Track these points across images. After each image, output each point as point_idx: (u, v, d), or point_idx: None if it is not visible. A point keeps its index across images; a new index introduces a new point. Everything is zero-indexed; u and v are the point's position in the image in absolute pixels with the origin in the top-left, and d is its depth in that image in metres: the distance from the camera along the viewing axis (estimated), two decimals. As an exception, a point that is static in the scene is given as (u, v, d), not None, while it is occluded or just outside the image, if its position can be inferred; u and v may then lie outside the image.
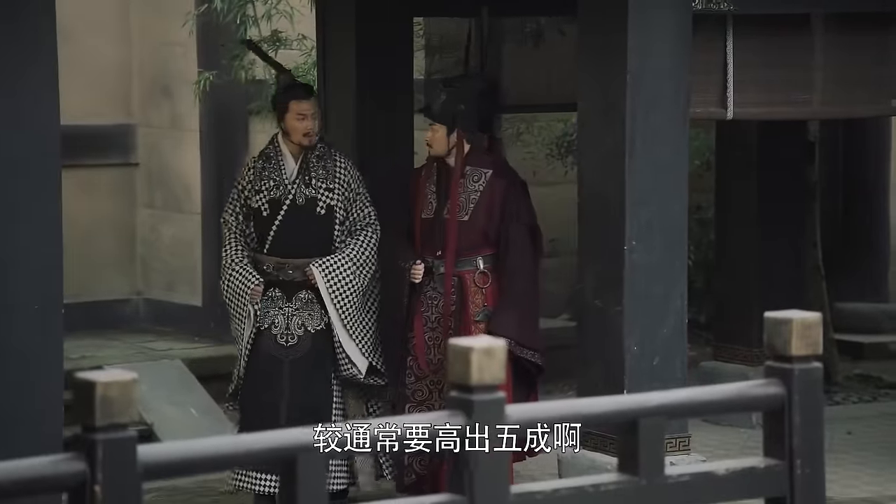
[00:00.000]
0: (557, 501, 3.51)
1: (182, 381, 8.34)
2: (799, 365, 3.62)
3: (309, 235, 6.20)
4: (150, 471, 3.22)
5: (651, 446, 3.53)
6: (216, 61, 8.94)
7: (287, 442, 3.33)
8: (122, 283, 9.71)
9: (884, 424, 8.19)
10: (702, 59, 6.40)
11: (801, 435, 3.63)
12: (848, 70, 6.87)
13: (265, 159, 6.28)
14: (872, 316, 10.10)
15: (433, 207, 6.32)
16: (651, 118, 6.12)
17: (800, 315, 3.64)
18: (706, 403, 3.86)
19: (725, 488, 3.66)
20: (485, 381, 3.36)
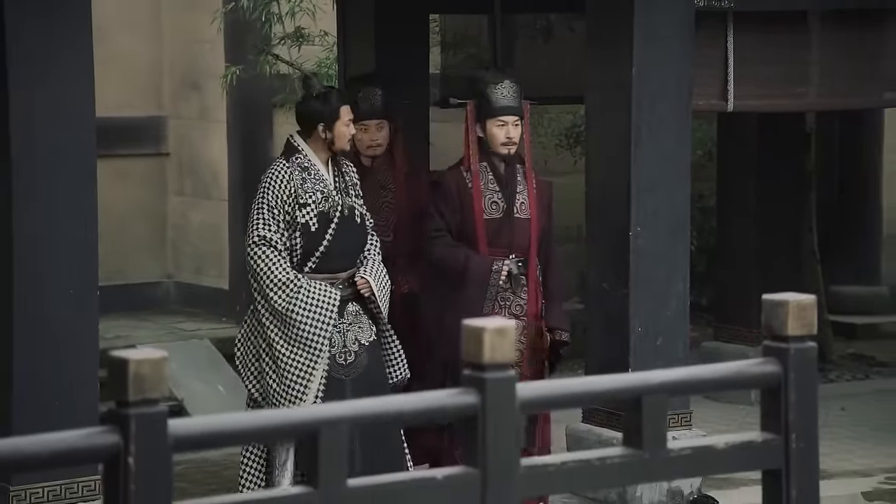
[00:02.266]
0: (566, 473, 3.51)
1: (210, 360, 8.36)
2: (794, 344, 3.62)
3: (354, 247, 5.65)
4: (179, 443, 3.24)
5: (654, 422, 3.53)
6: (243, 56, 8.95)
7: (309, 416, 3.34)
8: (153, 266, 9.73)
9: (876, 401, 8.19)
10: (703, 54, 6.39)
11: (796, 411, 3.63)
12: (843, 64, 6.86)
13: (301, 169, 5.56)
14: (865, 298, 10.09)
15: (501, 207, 5.81)
16: (655, 110, 6.12)
17: (796, 297, 3.64)
18: (706, 381, 3.86)
19: (725, 461, 3.66)
20: (496, 359, 3.37)
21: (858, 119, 10.01)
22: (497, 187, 5.80)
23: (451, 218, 5.76)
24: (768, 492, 3.71)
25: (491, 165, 5.80)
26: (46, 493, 5.26)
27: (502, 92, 5.75)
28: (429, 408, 3.40)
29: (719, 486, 6.34)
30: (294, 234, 5.50)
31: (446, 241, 5.76)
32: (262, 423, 3.34)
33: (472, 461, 3.41)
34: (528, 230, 5.79)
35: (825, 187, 9.74)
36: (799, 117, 8.44)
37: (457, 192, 5.77)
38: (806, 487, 3.65)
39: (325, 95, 5.62)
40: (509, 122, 5.73)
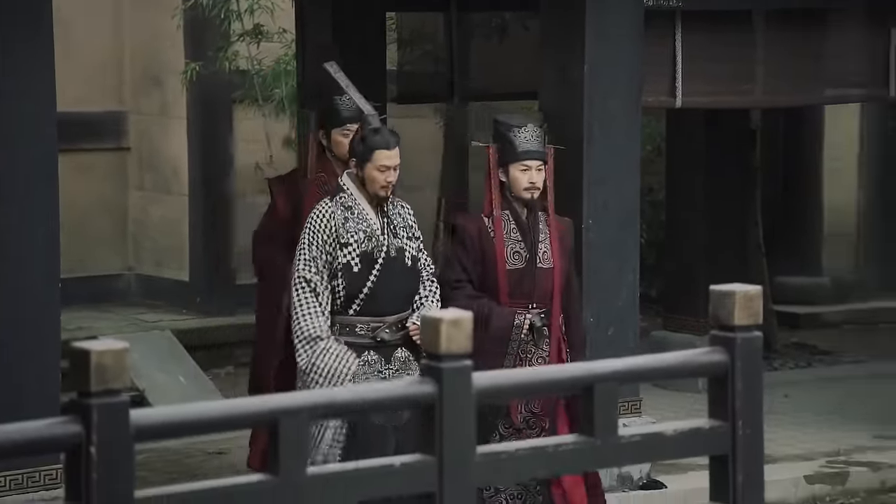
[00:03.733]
0: (519, 460, 3.51)
1: (171, 351, 8.31)
2: (741, 334, 3.64)
3: (403, 290, 5.23)
4: (141, 433, 3.21)
5: (605, 409, 3.54)
6: (202, 53, 8.91)
7: (269, 406, 3.33)
8: (114, 259, 9.67)
9: (818, 388, 8.26)
10: (653, 52, 6.41)
11: (742, 398, 3.64)
12: (787, 62, 6.90)
13: (344, 209, 5.20)
14: (808, 289, 10.16)
15: (524, 257, 5.44)
16: (607, 106, 6.13)
17: (742, 288, 3.65)
18: (657, 370, 3.87)
19: (673, 447, 3.67)
20: (452, 350, 3.36)
21: (801, 116, 10.07)
22: (519, 236, 5.44)
23: (472, 268, 5.42)
24: (715, 477, 3.72)
25: (513, 213, 5.45)
26: (8, 481, 5.22)
27: (525, 136, 5.43)
28: (388, 398, 3.40)
29: (667, 472, 6.37)
30: (337, 275, 5.16)
31: (467, 292, 5.40)
32: (222, 412, 3.32)
33: (428, 449, 3.40)
34: (551, 280, 5.44)
35: (770, 183, 9.80)
36: (744, 114, 8.49)
37: (479, 240, 5.42)
38: (751, 472, 3.67)
39: (370, 134, 5.19)
40: (532, 167, 5.40)
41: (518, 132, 5.42)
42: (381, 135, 5.18)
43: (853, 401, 7.92)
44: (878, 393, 8.06)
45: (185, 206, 9.48)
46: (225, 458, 6.89)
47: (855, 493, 6.77)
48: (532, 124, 5.47)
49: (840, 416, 7.64)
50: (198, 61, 8.68)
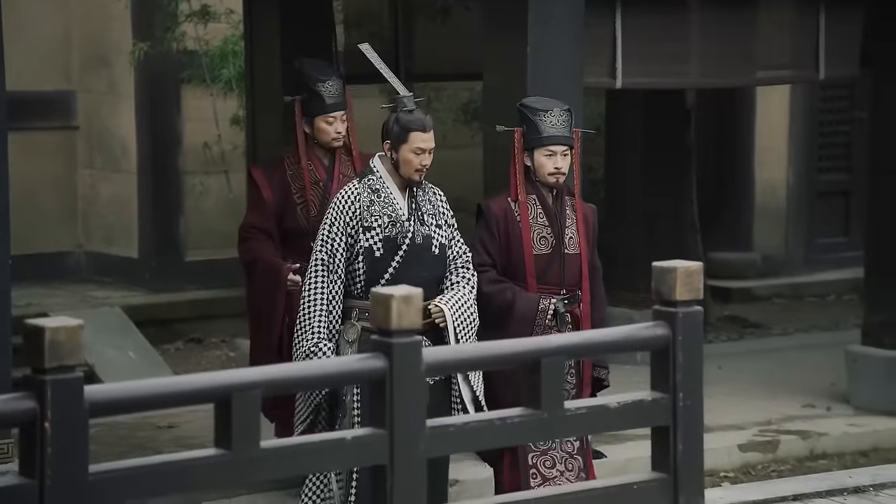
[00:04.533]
0: (468, 433, 3.50)
1: (120, 327, 8.23)
2: (682, 308, 3.64)
3: (427, 278, 4.91)
4: (96, 409, 3.17)
5: (552, 383, 3.53)
6: (150, 33, 8.80)
7: (222, 382, 3.29)
8: (64, 237, 9.55)
9: (749, 360, 8.32)
10: (594, 34, 6.39)
11: (683, 371, 3.65)
12: (720, 44, 6.92)
13: (371, 191, 4.93)
14: (739, 264, 10.24)
15: (550, 242, 5.20)
16: (549, 86, 6.10)
17: (683, 264, 3.66)
18: (601, 344, 3.87)
19: (617, 419, 3.68)
20: (403, 325, 3.34)
21: (734, 97, 10.12)
22: (546, 222, 5.20)
23: (497, 252, 5.18)
24: (656, 447, 3.73)
25: (539, 198, 5.21)
26: (-39, 456, 5.15)
27: (551, 120, 5.19)
28: (340, 373, 3.37)
29: (608, 442, 6.39)
30: (358, 258, 4.89)
31: (490, 277, 5.14)
32: (176, 388, 3.28)
33: (379, 422, 3.38)
34: (579, 265, 5.22)
35: (704, 160, 9.85)
36: (680, 95, 8.51)
37: (504, 224, 5.18)
38: (691, 442, 3.68)
39: (404, 115, 4.91)
40: (558, 153, 5.16)
41: (544, 116, 5.20)
42: (417, 116, 4.93)
43: (782, 372, 7.99)
44: (806, 364, 8.14)
45: (133, 184, 9.38)
46: (175, 431, 6.82)
47: (785, 460, 6.83)
48: (558, 108, 5.23)
49: (770, 386, 7.71)
50: (145, 41, 8.58)
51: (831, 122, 10.66)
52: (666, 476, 3.64)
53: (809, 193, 10.56)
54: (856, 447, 7.02)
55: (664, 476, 3.65)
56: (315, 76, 5.44)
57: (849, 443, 7.03)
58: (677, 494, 3.64)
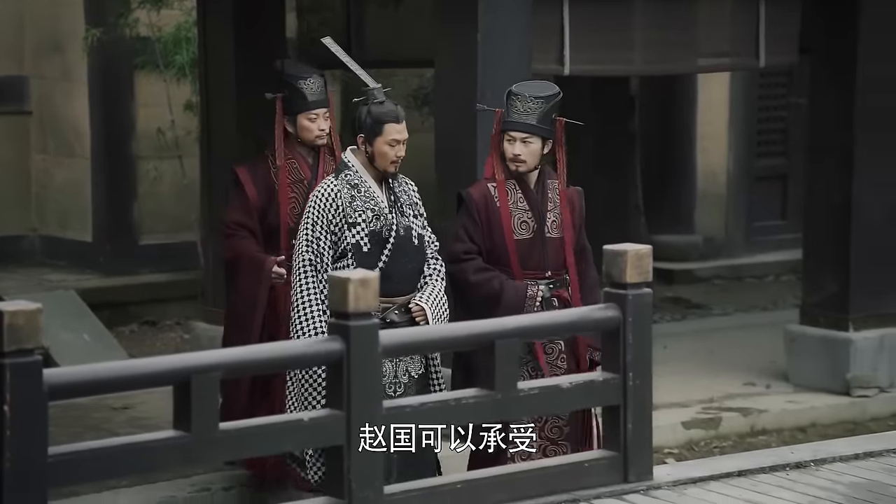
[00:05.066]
0: (424, 413, 3.49)
1: (75, 310, 8.15)
2: (632, 291, 3.66)
3: (412, 270, 4.77)
4: (55, 392, 3.13)
5: (506, 364, 3.53)
6: (103, 19, 8.69)
7: (181, 364, 3.26)
8: (18, 221, 9.43)
9: (692, 339, 8.37)
10: (542, 23, 6.39)
11: (633, 352, 3.66)
12: (663, 33, 6.94)
13: (351, 187, 4.74)
14: (682, 247, 10.29)
15: (532, 227, 4.95)
16: (499, 73, 6.10)
17: (633, 248, 3.67)
18: (555, 326, 3.87)
19: (570, 399, 3.68)
20: (360, 308, 3.33)
21: (676, 84, 10.16)
22: (527, 206, 4.94)
23: (480, 238, 4.93)
24: (607, 425, 3.74)
25: (519, 182, 4.95)
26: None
27: (517, 106, 4.92)
28: (298, 355, 3.35)
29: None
30: (345, 255, 4.70)
31: (477, 265, 4.91)
32: (135, 371, 3.24)
33: (337, 403, 3.36)
34: (562, 250, 4.98)
35: (648, 147, 9.88)
36: (625, 82, 8.53)
37: (485, 209, 4.92)
38: (640, 420, 3.70)
39: (376, 107, 4.74)
40: (517, 139, 4.88)
41: (514, 101, 4.94)
42: (389, 108, 4.76)
43: (724, 351, 8.04)
44: (746, 343, 8.20)
45: (87, 169, 9.27)
46: (129, 412, 6.76)
47: (727, 436, 6.88)
48: (530, 95, 4.93)
49: (713, 365, 7.75)
50: (98, 27, 8.47)
51: (769, 109, 10.73)
52: (616, 454, 3.66)
53: (748, 178, 10.62)
54: (794, 423, 7.08)
55: (614, 454, 3.66)
56: (296, 74, 5.27)
57: (788, 419, 7.09)
58: (627, 471, 3.66)
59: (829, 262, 7.33)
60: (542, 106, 4.90)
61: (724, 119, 10.50)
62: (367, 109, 4.71)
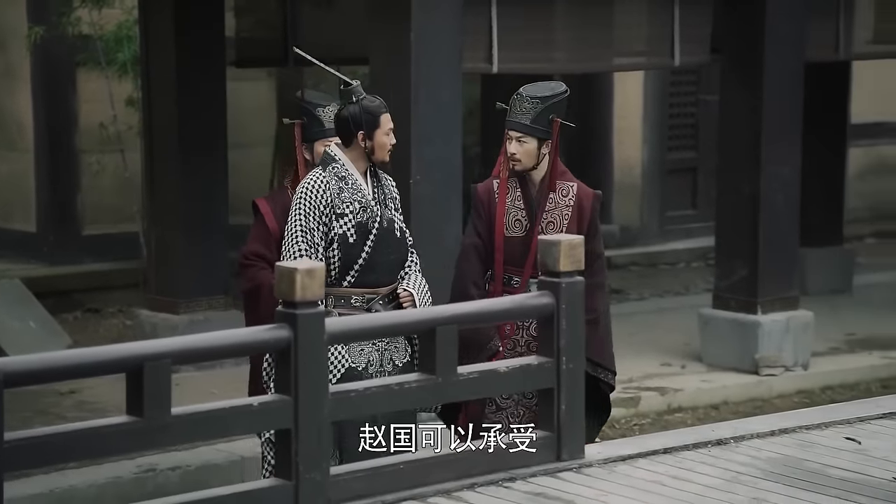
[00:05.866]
0: (368, 398, 3.45)
1: (21, 298, 7.99)
2: (566, 279, 3.64)
3: (394, 261, 4.64)
4: (10, 379, 3.05)
5: (446, 348, 3.50)
6: (46, 17, 8.52)
7: (134, 352, 3.19)
8: (-37, 212, 9.23)
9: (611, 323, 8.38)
10: (472, 23, 6.37)
11: (566, 337, 3.65)
12: (584, 34, 6.97)
13: (338, 178, 4.61)
14: (599, 235, 10.33)
15: (524, 226, 4.77)
16: (432, 72, 6.07)
17: (567, 238, 3.66)
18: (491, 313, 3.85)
19: (506, 383, 3.67)
20: (307, 297, 3.28)
21: (594, 82, 10.19)
22: (522, 205, 4.77)
23: (484, 231, 4.80)
24: (541, 408, 3.73)
25: (521, 181, 4.78)
26: None
27: (514, 106, 4.78)
28: (248, 342, 3.29)
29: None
30: (332, 245, 4.58)
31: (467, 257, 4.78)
32: (89, 359, 3.17)
33: (285, 389, 3.32)
34: None
35: (568, 141, 9.90)
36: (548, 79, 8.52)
37: (487, 204, 4.81)
38: (573, 402, 3.69)
39: (367, 103, 4.63)
40: (513, 138, 4.74)
41: (515, 101, 4.78)
42: (378, 101, 4.65)
43: (641, 333, 8.09)
44: (662, 326, 8.26)
45: (30, 163, 9.09)
46: (77, 397, 6.65)
47: (646, 414, 6.92)
48: (527, 95, 4.77)
49: (631, 347, 7.79)
50: (41, 25, 8.30)
51: (680, 105, 10.81)
52: (550, 434, 3.65)
53: (661, 170, 10.70)
54: (708, 401, 7.14)
55: (549, 434, 3.65)
56: (315, 102, 4.92)
57: (702, 397, 7.15)
58: (560, 450, 3.65)
59: (738, 249, 7.40)
60: (537, 106, 4.74)
61: (638, 115, 10.57)
62: (361, 107, 4.59)
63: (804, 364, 7.45)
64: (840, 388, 7.40)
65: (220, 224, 7.33)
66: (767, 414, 6.85)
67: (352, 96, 4.58)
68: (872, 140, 11.51)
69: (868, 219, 11.34)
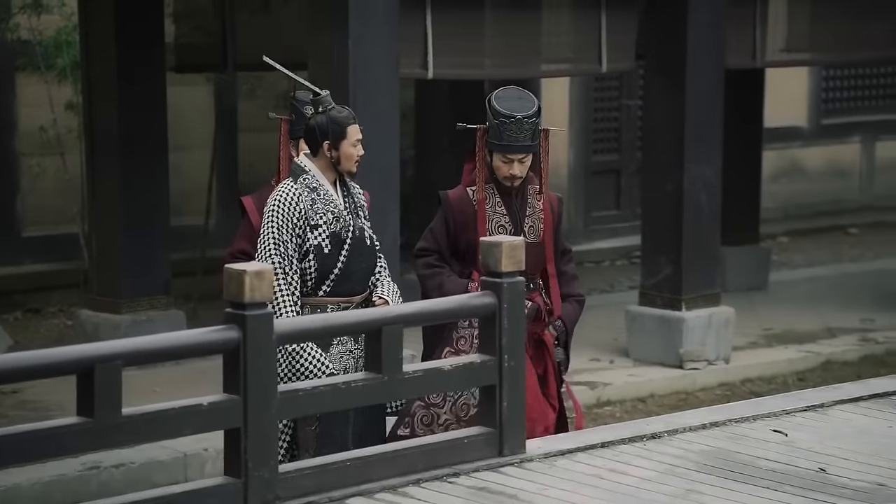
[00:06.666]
0: (316, 397, 3.40)
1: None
2: (507, 279, 3.62)
3: (367, 270, 4.52)
4: (-40, 383, 2.95)
5: (391, 349, 3.47)
6: (-16, 23, 8.34)
7: (85, 354, 3.11)
8: None
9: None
10: (408, 30, 6.34)
11: (508, 335, 3.63)
12: (513, 41, 6.98)
13: (310, 190, 4.46)
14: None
15: (508, 231, 4.69)
16: (369, 77, 6.03)
17: (508, 240, 3.63)
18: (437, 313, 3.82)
19: (452, 380, 3.64)
20: (256, 299, 3.23)
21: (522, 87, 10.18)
22: (504, 211, 4.68)
23: (444, 238, 4.71)
24: (484, 404, 3.70)
25: (499, 188, 4.68)
26: None
27: (512, 129, 4.61)
28: (198, 343, 3.22)
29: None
30: (307, 257, 4.43)
31: (427, 262, 4.70)
32: (40, 361, 3.09)
33: (233, 389, 3.26)
34: (539, 254, 4.71)
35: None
36: (479, 84, 8.53)
37: (460, 212, 4.70)
38: (514, 398, 3.67)
39: (335, 113, 4.48)
40: (515, 160, 4.62)
41: (507, 124, 4.62)
42: (346, 112, 4.52)
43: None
44: (590, 322, 8.24)
45: (-31, 165, 8.89)
46: (19, 396, 6.51)
47: (576, 408, 6.92)
48: (522, 116, 4.62)
49: (560, 343, 7.80)
50: (-20, 31, 8.12)
51: (604, 110, 10.86)
52: (493, 430, 3.62)
53: (586, 172, 10.74)
54: (635, 394, 7.17)
55: (491, 430, 3.63)
56: (304, 100, 4.75)
57: (629, 391, 7.18)
58: (502, 446, 3.63)
59: (663, 248, 7.44)
60: (534, 125, 4.64)
61: (564, 119, 10.60)
62: (329, 117, 4.47)
63: (725, 358, 7.52)
64: (759, 381, 7.48)
65: (161, 225, 7.23)
66: (692, 405, 6.94)
67: (320, 106, 4.46)
68: (785, 143, 11.66)
69: (780, 219, 11.49)
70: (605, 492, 3.45)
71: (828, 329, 8.21)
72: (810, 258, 10.65)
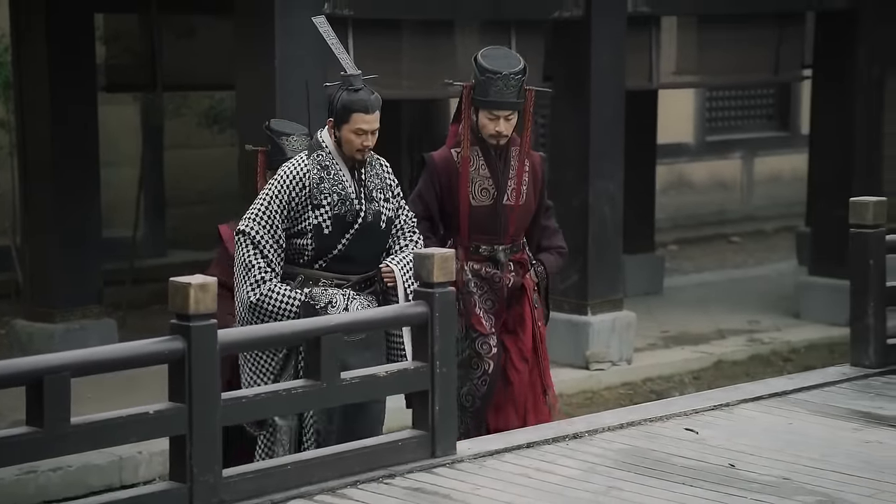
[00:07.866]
0: (258, 404, 3.33)
1: None
2: (438, 290, 3.59)
3: (374, 253, 4.14)
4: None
5: (329, 357, 3.40)
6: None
7: (33, 365, 3.00)
8: None
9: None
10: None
11: (439, 343, 3.59)
12: (427, 64, 6.97)
13: (321, 168, 4.09)
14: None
15: (491, 194, 4.44)
16: (297, 94, 5.94)
17: (440, 251, 3.60)
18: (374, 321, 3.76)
19: (386, 386, 3.58)
20: (200, 310, 3.14)
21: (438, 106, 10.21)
22: (488, 173, 4.43)
23: (434, 203, 4.46)
24: (416, 409, 3.66)
25: (483, 149, 4.42)
26: None
27: (499, 84, 4.33)
28: (144, 353, 3.13)
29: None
30: (305, 234, 4.05)
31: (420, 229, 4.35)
32: (-11, 373, 2.96)
33: (178, 397, 3.17)
34: (522, 215, 4.50)
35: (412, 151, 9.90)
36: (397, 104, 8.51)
37: (446, 175, 4.43)
38: (446, 402, 3.63)
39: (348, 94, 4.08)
40: (501, 117, 4.36)
41: (493, 79, 4.33)
42: (360, 97, 4.07)
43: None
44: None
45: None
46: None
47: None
48: (508, 73, 4.34)
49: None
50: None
51: (508, 128, 10.91)
52: (425, 433, 3.58)
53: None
54: (546, 394, 7.17)
55: (423, 433, 3.58)
56: (280, 131, 4.50)
57: (540, 391, 7.18)
58: (435, 447, 3.59)
59: (570, 257, 7.44)
60: (520, 81, 4.35)
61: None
62: (339, 96, 4.09)
63: (628, 359, 7.57)
64: (658, 380, 7.54)
65: (93, 237, 7.08)
66: (598, 404, 6.97)
67: (345, 84, 4.10)
68: (673, 159, 11.84)
69: (670, 228, 11.66)
70: (534, 490, 3.43)
71: (718, 331, 8.32)
72: (698, 265, 10.82)
